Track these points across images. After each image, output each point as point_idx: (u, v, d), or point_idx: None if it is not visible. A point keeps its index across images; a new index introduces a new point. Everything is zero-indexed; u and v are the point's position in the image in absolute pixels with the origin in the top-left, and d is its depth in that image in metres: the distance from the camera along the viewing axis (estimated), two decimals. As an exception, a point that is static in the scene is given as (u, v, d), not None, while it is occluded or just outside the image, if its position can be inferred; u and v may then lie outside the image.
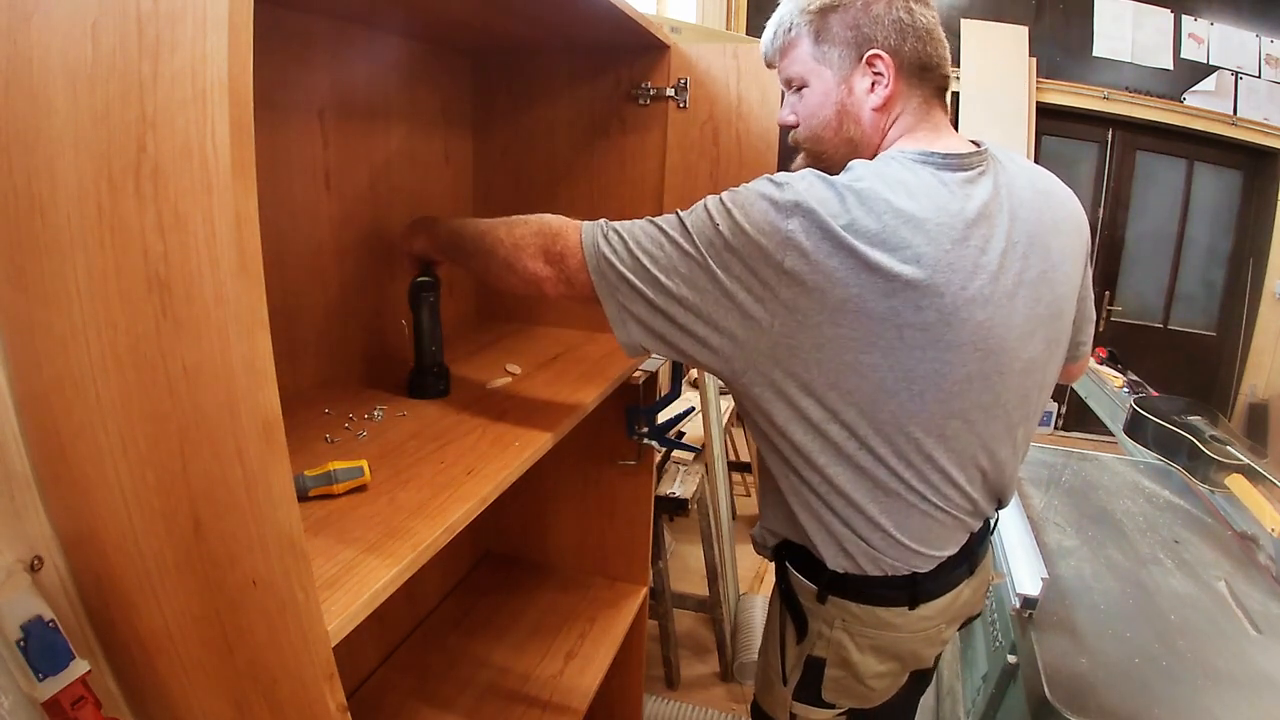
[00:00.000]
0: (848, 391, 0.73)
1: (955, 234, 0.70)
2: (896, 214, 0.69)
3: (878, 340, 0.70)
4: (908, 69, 0.78)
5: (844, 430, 0.75)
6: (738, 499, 3.01)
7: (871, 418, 0.74)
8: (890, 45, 0.77)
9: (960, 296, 0.70)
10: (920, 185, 0.72)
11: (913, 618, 0.84)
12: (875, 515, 0.79)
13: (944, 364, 0.72)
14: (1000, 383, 0.76)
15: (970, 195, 0.73)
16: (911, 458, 0.76)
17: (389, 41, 1.09)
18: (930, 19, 0.78)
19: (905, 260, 0.68)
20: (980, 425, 0.77)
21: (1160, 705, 0.96)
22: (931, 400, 0.73)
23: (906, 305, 0.69)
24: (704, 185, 1.23)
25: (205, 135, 0.40)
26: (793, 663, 0.90)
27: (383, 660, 1.27)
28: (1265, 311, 3.92)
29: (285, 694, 0.54)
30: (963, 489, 0.80)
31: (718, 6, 3.41)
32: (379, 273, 1.12)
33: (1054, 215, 0.81)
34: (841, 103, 0.82)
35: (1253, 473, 1.53)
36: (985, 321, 0.72)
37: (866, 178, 0.72)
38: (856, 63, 0.79)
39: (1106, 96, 3.79)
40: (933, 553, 0.83)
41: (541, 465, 0.86)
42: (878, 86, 0.79)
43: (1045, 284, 0.79)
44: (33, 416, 0.59)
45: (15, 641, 0.58)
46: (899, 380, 0.72)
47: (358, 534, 0.64)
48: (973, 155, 0.76)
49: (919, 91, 0.80)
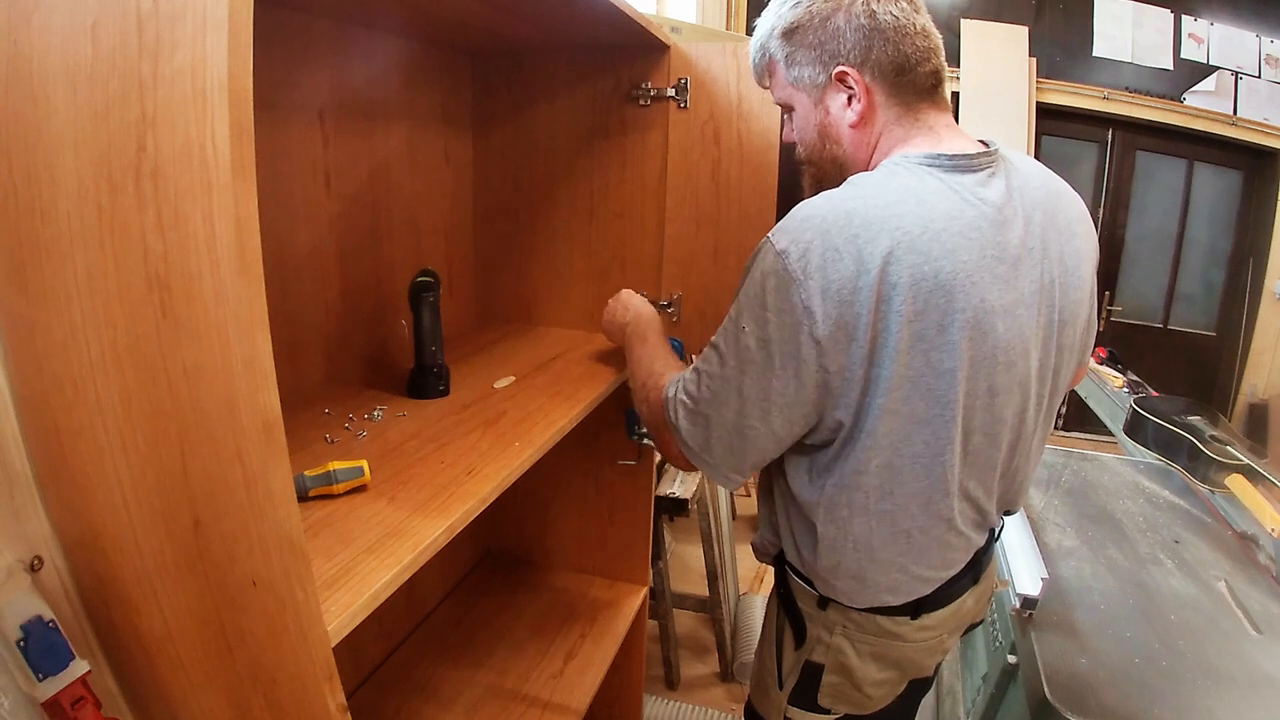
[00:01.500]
0: (886, 433, 0.71)
1: (970, 243, 0.67)
2: (908, 229, 0.66)
3: (906, 372, 0.68)
4: (882, 77, 0.74)
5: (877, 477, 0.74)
6: (738, 499, 3.01)
7: (908, 451, 0.72)
8: (857, 57, 0.74)
9: (981, 309, 0.67)
10: (929, 192, 0.69)
11: (914, 627, 0.83)
12: (894, 557, 0.78)
13: (971, 382, 0.70)
14: (1021, 394, 0.75)
15: (984, 199, 0.70)
16: (939, 481, 0.74)
17: (389, 41, 1.09)
18: (898, 13, 0.73)
19: (923, 276, 0.65)
20: (1002, 438, 0.76)
21: (1160, 705, 0.96)
22: (958, 420, 0.71)
23: (929, 326, 0.66)
24: (705, 185, 1.23)
25: (205, 135, 0.40)
26: (790, 667, 0.89)
27: (383, 660, 1.27)
28: (1265, 311, 3.92)
29: (285, 694, 0.54)
30: (978, 503, 0.79)
31: (718, 6, 3.41)
32: (379, 273, 1.12)
33: (1067, 218, 0.79)
34: (821, 124, 0.80)
35: (1253, 473, 1.53)
36: (1005, 333, 0.70)
37: (871, 190, 0.69)
38: (827, 81, 0.76)
39: (1106, 96, 3.79)
40: (942, 575, 0.82)
41: (541, 465, 0.86)
42: (853, 101, 0.75)
43: (1060, 290, 0.77)
44: (33, 416, 0.59)
45: (15, 641, 0.58)
46: (931, 407, 0.70)
47: (358, 534, 0.64)
48: (981, 156, 0.73)
49: (900, 98, 0.75)
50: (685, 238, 1.27)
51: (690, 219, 1.26)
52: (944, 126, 0.77)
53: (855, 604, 0.81)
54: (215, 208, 0.41)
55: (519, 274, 1.37)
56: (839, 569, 0.80)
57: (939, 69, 0.76)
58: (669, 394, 0.81)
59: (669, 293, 1.29)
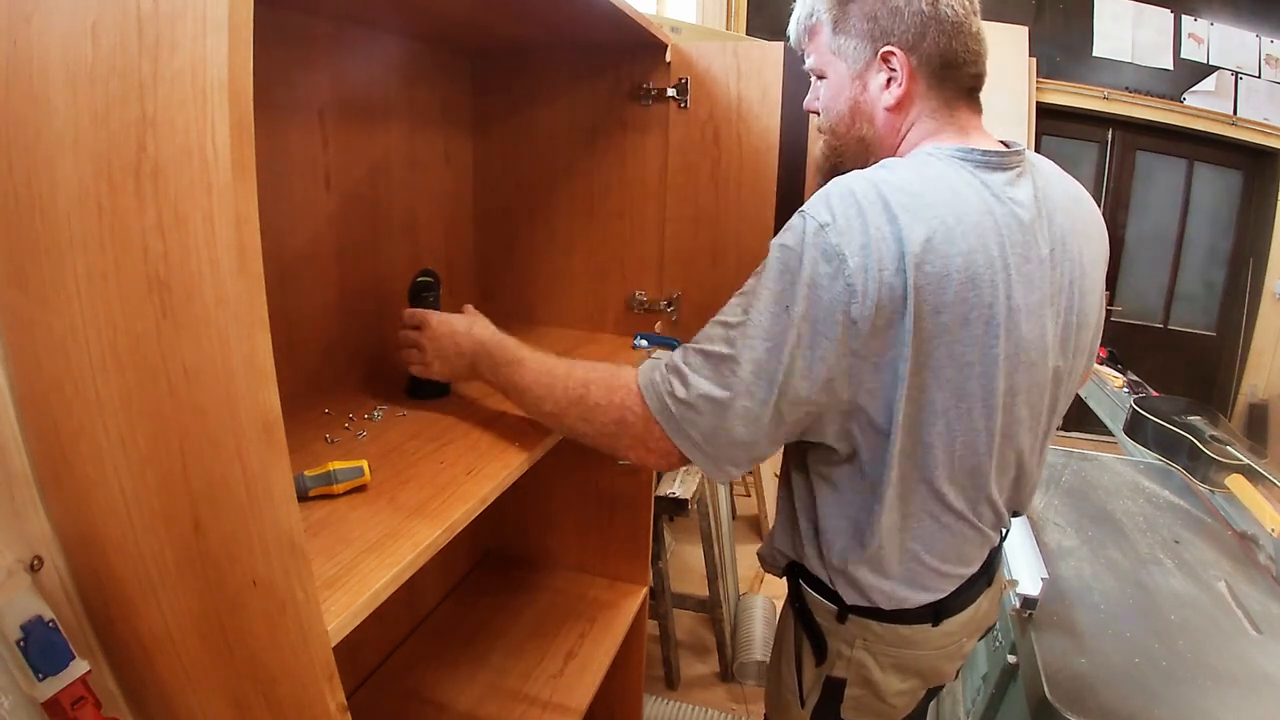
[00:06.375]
0: (904, 418, 0.68)
1: (1002, 240, 0.66)
2: (944, 219, 0.64)
3: (927, 360, 0.66)
4: (928, 67, 0.72)
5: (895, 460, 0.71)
6: (738, 499, 3.00)
7: (924, 440, 0.70)
8: (908, 41, 0.71)
9: (1006, 306, 0.66)
10: (963, 185, 0.68)
11: (936, 634, 0.82)
12: (909, 543, 0.76)
13: (991, 378, 0.68)
14: (1038, 395, 0.74)
15: (1015, 199, 0.69)
16: (957, 476, 0.73)
17: (389, 41, 1.09)
18: (959, 11, 0.71)
19: (954, 269, 0.64)
20: (1019, 439, 0.75)
21: (1160, 705, 0.96)
22: (980, 416, 0.70)
23: (955, 319, 0.65)
24: (705, 185, 1.23)
25: (205, 135, 0.40)
26: (811, 684, 0.87)
27: (383, 660, 1.27)
28: (1265, 311, 3.92)
29: (285, 694, 0.54)
30: (995, 504, 0.78)
31: (718, 6, 3.41)
32: (379, 272, 1.12)
33: (1086, 222, 0.79)
34: (855, 99, 0.77)
35: (1253, 473, 1.53)
36: (1028, 333, 0.69)
37: (906, 177, 0.67)
38: (871, 58, 0.74)
39: (1106, 96, 3.79)
40: (961, 571, 0.81)
41: (541, 465, 0.86)
42: (892, 84, 0.73)
43: (1077, 293, 0.76)
44: (33, 416, 0.59)
45: (15, 641, 0.58)
46: (949, 398, 0.68)
47: (358, 534, 0.64)
48: (1011, 155, 0.72)
49: (940, 93, 0.74)
50: (685, 238, 1.27)
51: (690, 219, 1.26)
52: (974, 128, 0.76)
53: (872, 601, 0.79)
54: (215, 208, 0.41)
55: (519, 274, 1.37)
56: (853, 556, 0.78)
57: (982, 74, 0.75)
58: (651, 381, 0.71)
59: (669, 293, 1.29)
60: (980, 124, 0.77)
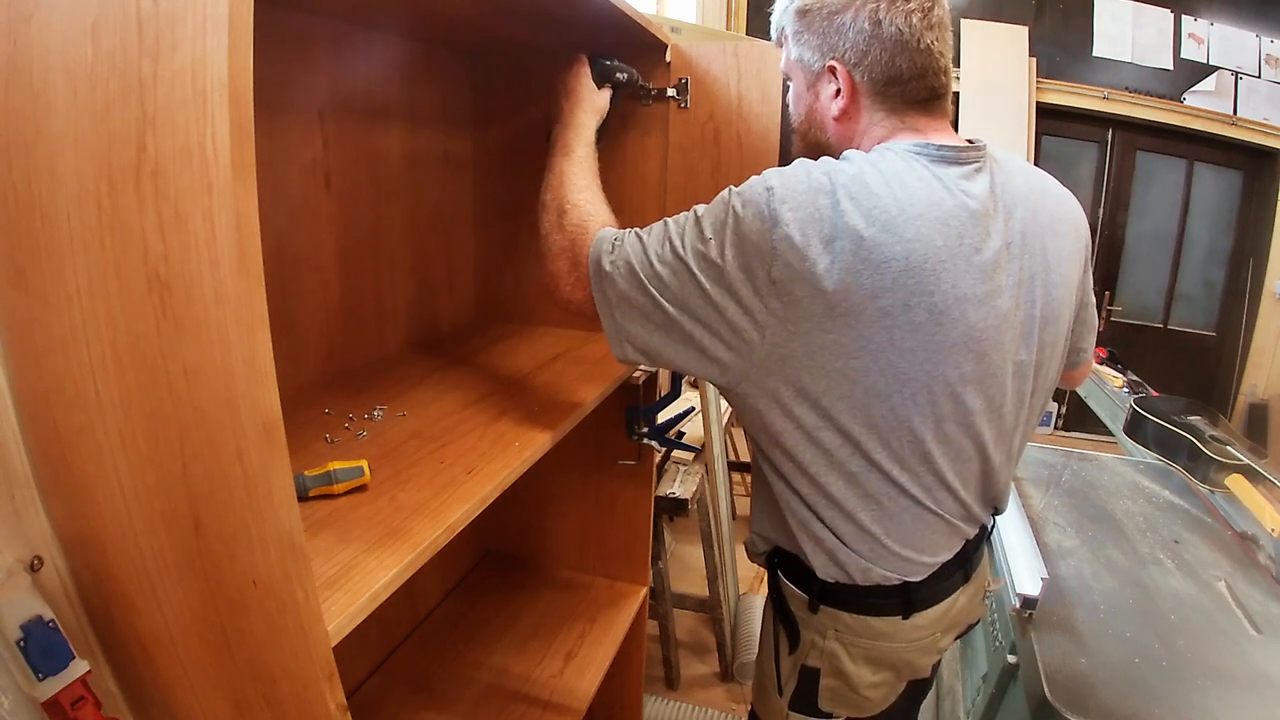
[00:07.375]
0: (840, 397, 0.72)
1: (948, 230, 0.69)
2: (886, 209, 0.67)
3: (867, 344, 0.69)
4: (871, 82, 0.76)
5: (838, 436, 0.74)
6: (738, 499, 3.00)
7: (866, 421, 0.73)
8: (851, 59, 0.76)
9: (951, 295, 0.69)
10: (914, 178, 0.70)
11: (906, 627, 0.83)
12: (867, 524, 0.78)
13: (935, 365, 0.70)
14: (994, 386, 0.75)
15: (967, 191, 0.72)
16: (907, 460, 0.75)
17: (389, 41, 1.09)
18: (904, 28, 0.73)
19: (893, 256, 0.66)
20: (976, 429, 0.76)
21: (1160, 705, 0.96)
22: (925, 403, 0.72)
23: (895, 304, 0.67)
24: (705, 185, 1.23)
25: (205, 135, 0.40)
26: (787, 672, 0.89)
27: (383, 660, 1.27)
28: (1265, 311, 3.92)
29: (285, 694, 0.54)
30: (956, 493, 0.79)
31: (718, 6, 3.41)
32: (379, 272, 1.12)
33: (1051, 216, 0.80)
34: (810, 106, 0.82)
35: (1253, 473, 1.53)
36: (978, 323, 0.71)
37: (859, 168, 0.70)
38: (821, 70, 0.79)
39: (1106, 96, 3.79)
40: (925, 559, 0.82)
41: (541, 465, 0.86)
42: (840, 96, 0.78)
43: (1041, 286, 0.77)
44: (33, 416, 0.59)
45: (15, 641, 0.58)
46: (891, 383, 0.71)
47: (358, 534, 0.64)
48: (969, 150, 0.74)
49: (886, 104, 0.77)
50: (685, 238, 1.26)
51: (690, 219, 1.25)
52: (932, 130, 0.78)
53: (849, 575, 0.81)
54: (215, 208, 0.41)
55: (519, 274, 1.37)
56: (816, 534, 0.80)
57: (936, 86, 0.77)
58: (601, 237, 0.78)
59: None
60: (941, 126, 0.79)
